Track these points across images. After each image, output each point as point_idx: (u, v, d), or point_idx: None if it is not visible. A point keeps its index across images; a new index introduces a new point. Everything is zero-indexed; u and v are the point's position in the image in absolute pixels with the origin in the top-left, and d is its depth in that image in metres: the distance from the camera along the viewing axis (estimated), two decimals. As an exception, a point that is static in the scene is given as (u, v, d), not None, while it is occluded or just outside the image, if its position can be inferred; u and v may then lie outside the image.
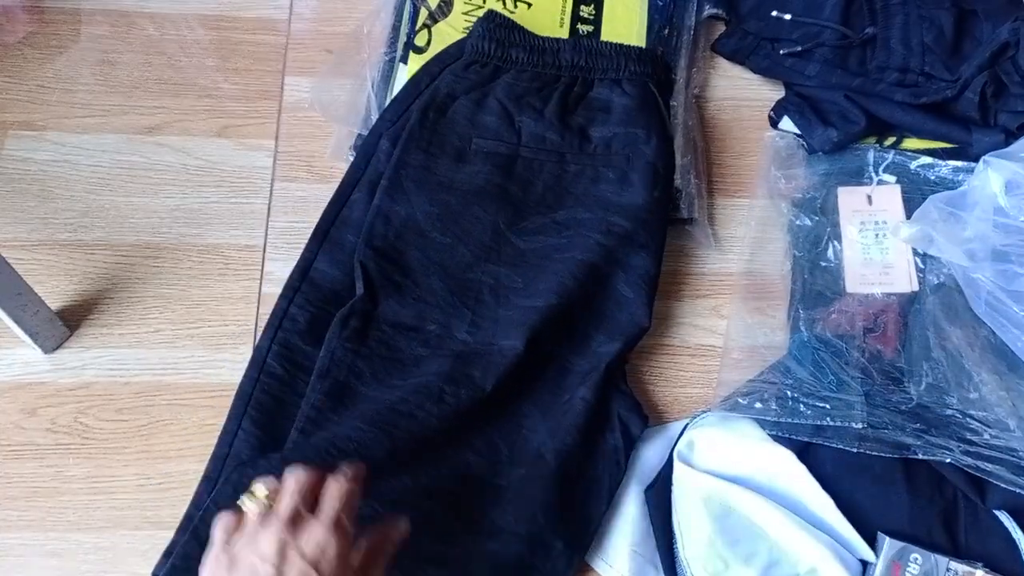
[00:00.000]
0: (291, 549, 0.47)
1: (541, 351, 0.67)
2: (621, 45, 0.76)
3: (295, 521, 0.48)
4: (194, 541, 0.55)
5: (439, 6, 0.82)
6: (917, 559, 0.61)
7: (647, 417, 0.66)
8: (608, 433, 0.65)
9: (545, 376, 0.67)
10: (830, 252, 0.75)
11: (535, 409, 0.66)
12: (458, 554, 0.60)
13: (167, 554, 0.59)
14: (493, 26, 0.75)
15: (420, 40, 0.80)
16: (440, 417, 0.63)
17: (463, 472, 0.63)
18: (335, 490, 0.50)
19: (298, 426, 0.62)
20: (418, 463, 0.62)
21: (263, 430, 0.63)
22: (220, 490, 0.57)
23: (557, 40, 0.76)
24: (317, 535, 0.47)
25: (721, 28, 0.87)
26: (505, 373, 0.65)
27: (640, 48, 0.76)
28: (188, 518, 0.60)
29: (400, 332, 0.67)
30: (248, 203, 0.75)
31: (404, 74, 0.78)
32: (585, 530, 0.63)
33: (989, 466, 0.61)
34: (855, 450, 0.63)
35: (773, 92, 0.84)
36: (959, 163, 0.78)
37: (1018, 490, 0.61)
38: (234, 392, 0.65)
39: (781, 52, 0.82)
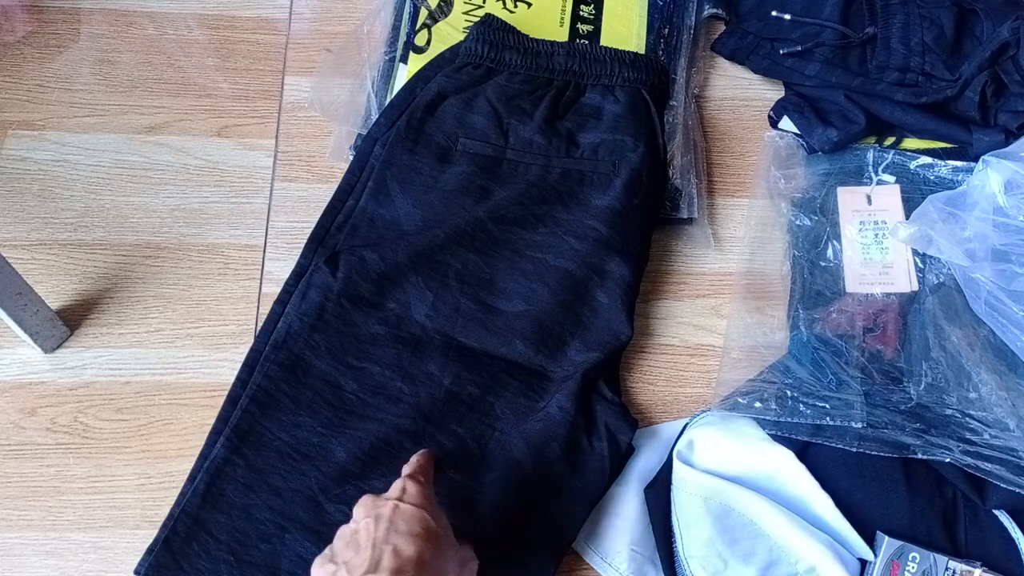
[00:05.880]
0: (374, 502, 0.51)
1: (510, 354, 0.67)
2: (617, 50, 0.75)
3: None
4: (173, 538, 0.59)
5: (439, 6, 0.82)
6: (916, 558, 0.61)
7: (636, 422, 0.66)
8: (594, 443, 0.64)
9: (518, 378, 0.66)
10: (830, 252, 0.75)
11: (508, 410, 0.65)
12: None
13: (149, 551, 0.59)
14: (487, 29, 0.75)
15: (420, 40, 0.80)
16: (400, 416, 0.63)
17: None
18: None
19: (248, 393, 0.63)
20: (387, 465, 0.62)
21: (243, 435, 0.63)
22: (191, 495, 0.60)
23: (552, 43, 0.75)
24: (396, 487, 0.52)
25: (721, 28, 0.87)
26: (465, 369, 0.65)
27: (636, 54, 0.76)
28: (170, 516, 0.61)
29: (359, 308, 0.67)
30: (248, 203, 0.75)
31: (404, 74, 0.78)
32: (563, 541, 0.62)
33: (989, 466, 0.61)
34: (855, 450, 0.63)
35: (773, 92, 0.84)
36: (959, 163, 0.78)
37: (1018, 490, 0.61)
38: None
39: (781, 52, 0.82)
